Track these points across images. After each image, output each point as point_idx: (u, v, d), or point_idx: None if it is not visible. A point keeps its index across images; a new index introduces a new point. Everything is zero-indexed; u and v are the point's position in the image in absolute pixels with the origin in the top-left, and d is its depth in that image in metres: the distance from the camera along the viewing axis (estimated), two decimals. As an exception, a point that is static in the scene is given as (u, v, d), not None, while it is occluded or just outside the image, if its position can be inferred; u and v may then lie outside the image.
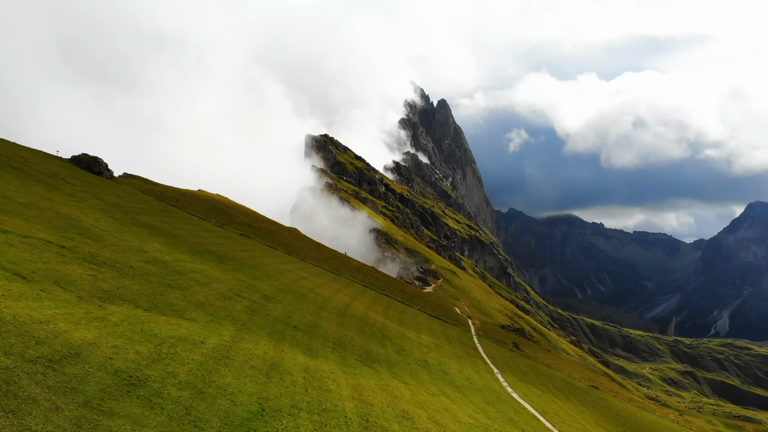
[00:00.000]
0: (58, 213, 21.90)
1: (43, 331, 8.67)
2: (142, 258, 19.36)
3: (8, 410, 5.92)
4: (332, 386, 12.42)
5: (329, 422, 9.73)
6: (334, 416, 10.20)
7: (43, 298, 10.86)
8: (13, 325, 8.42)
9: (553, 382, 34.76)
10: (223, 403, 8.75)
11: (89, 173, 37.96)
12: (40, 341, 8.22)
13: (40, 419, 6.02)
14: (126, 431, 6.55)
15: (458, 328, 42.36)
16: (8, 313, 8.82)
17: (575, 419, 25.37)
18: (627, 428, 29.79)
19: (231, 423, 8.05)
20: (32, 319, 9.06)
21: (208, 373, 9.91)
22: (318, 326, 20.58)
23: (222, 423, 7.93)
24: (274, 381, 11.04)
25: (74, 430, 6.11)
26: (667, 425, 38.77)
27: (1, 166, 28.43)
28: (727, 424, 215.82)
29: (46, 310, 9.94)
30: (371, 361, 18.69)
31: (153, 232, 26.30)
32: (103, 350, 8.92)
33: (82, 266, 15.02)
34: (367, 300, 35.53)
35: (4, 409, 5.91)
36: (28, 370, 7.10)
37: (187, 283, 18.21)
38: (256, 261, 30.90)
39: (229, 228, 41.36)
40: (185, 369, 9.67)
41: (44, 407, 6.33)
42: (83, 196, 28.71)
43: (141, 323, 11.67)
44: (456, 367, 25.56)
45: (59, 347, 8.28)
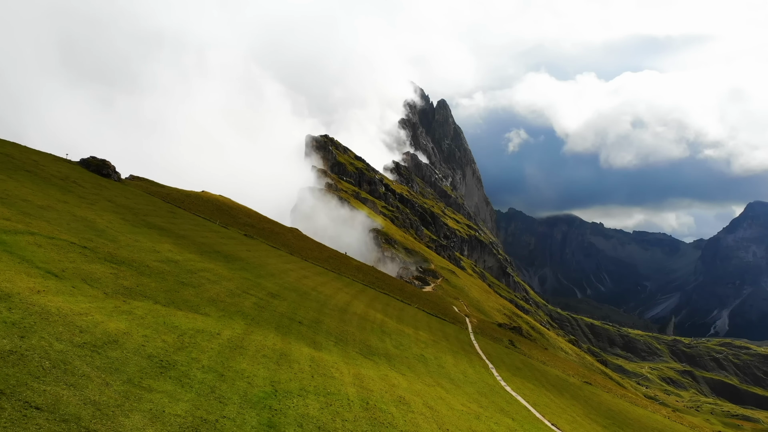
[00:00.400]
0: (74, 215, 23.14)
1: (84, 322, 9.91)
2: (156, 258, 20.59)
3: (70, 384, 7.15)
4: (335, 374, 13.66)
5: (334, 402, 10.97)
6: (338, 398, 11.45)
7: (76, 294, 12.11)
8: (59, 316, 9.66)
9: (546, 378, 36.00)
10: (242, 384, 9.99)
11: (98, 176, 39.20)
12: (83, 330, 9.46)
13: (96, 391, 7.25)
14: (165, 404, 7.78)
15: (456, 326, 43.62)
16: (52, 306, 10.06)
17: (566, 411, 26.61)
18: (617, 422, 31.02)
19: (249, 400, 9.29)
20: (72, 311, 10.30)
21: (225, 360, 11.16)
22: (321, 322, 21.83)
23: (242, 400, 9.17)
24: (283, 368, 12.28)
25: (123, 400, 7.33)
26: (658, 420, 40.01)
27: (15, 169, 29.66)
28: (725, 423, 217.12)
29: (82, 304, 11.18)
30: (371, 354, 19.94)
31: (162, 233, 27.54)
32: (135, 338, 10.16)
33: (104, 265, 16.25)
34: (367, 298, 36.78)
35: (66, 383, 7.13)
36: (78, 353, 8.33)
37: (198, 281, 19.47)
38: (260, 260, 32.14)
39: (233, 228, 42.60)
40: (206, 356, 10.91)
41: (97, 382, 7.56)
42: (95, 199, 29.96)
43: (162, 317, 12.91)
44: (452, 362, 26.81)
45: (99, 335, 9.52)
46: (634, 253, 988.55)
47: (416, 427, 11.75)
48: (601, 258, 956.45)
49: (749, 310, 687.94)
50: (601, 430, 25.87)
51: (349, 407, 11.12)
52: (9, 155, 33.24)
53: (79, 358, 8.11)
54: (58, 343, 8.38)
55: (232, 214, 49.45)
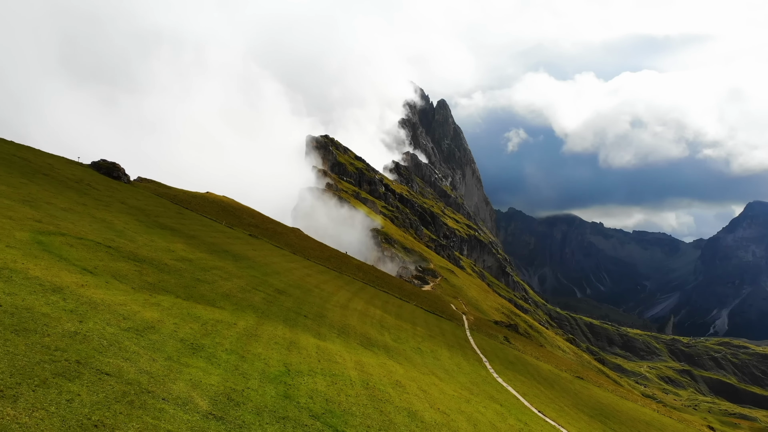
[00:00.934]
0: (94, 217, 24.78)
1: (124, 311, 11.56)
2: (172, 257, 22.24)
3: (126, 358, 8.80)
4: (339, 360, 15.32)
5: (338, 382, 12.63)
6: (342, 379, 13.10)
7: (111, 288, 13.75)
8: (104, 305, 11.31)
9: (538, 372, 37.67)
10: (259, 364, 11.64)
11: (109, 178, 40.85)
12: (125, 317, 11.11)
13: (146, 364, 8.89)
14: (200, 376, 9.42)
15: (452, 323, 45.28)
16: (96, 297, 11.72)
17: (554, 401, 28.27)
18: (604, 413, 32.66)
19: (267, 377, 10.94)
20: (113, 302, 11.95)
21: (243, 345, 12.81)
22: (324, 316, 23.48)
23: (261, 377, 10.81)
24: (293, 353, 13.94)
25: (168, 372, 8.97)
26: (647, 413, 41.65)
27: (34, 173, 31.31)
28: (722, 421, 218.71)
29: (119, 296, 12.84)
30: (371, 346, 21.59)
31: (174, 233, 29.19)
32: (168, 325, 11.82)
33: (128, 263, 17.91)
34: (367, 295, 38.43)
35: (123, 358, 8.77)
36: (125, 335, 9.98)
37: (212, 278, 21.12)
38: (266, 259, 33.80)
39: (238, 229, 44.26)
40: (227, 341, 12.56)
41: (145, 358, 9.20)
42: (109, 201, 31.61)
43: (185, 308, 14.57)
44: (447, 355, 28.47)
45: (139, 321, 11.17)
46: (633, 253, 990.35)
47: (410, 404, 13.40)
48: (601, 257, 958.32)
49: (749, 310, 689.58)
50: (587, 419, 27.50)
51: (352, 386, 12.78)
52: (26, 159, 34.88)
53: (127, 339, 9.76)
54: (108, 327, 10.03)
55: (236, 215, 51.12)
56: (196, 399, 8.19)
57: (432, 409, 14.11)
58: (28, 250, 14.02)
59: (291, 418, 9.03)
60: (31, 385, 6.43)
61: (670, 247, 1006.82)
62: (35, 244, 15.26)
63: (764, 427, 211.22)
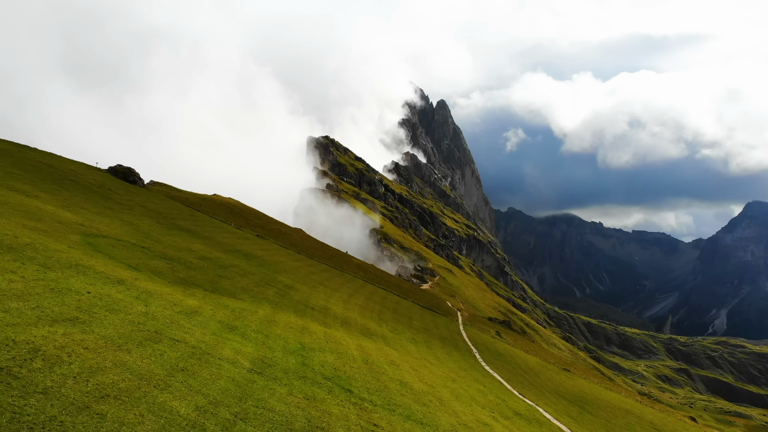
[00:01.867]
0: (122, 220, 27.66)
1: (173, 299, 14.45)
2: (194, 256, 25.14)
3: (185, 332, 11.67)
4: (343, 343, 18.21)
5: (343, 357, 15.53)
6: (346, 356, 16.00)
7: (155, 281, 16.64)
8: (157, 295, 14.20)
9: (526, 363, 40.58)
10: (280, 342, 14.54)
11: (126, 182, 43.75)
12: (175, 303, 13.99)
13: (199, 337, 11.75)
14: (239, 346, 12.30)
15: (447, 318, 48.20)
16: (150, 288, 14.60)
17: (536, 387, 31.18)
18: (585, 400, 35.54)
19: (288, 350, 13.83)
20: (162, 292, 14.84)
21: (266, 328, 15.71)
22: (328, 309, 26.38)
23: (283, 350, 13.70)
24: (305, 336, 16.83)
25: (216, 342, 11.84)
26: (628, 402, 44.54)
27: (62, 179, 34.18)
28: (717, 419, 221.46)
29: (164, 288, 15.73)
30: (370, 335, 24.48)
31: (191, 234, 32.09)
32: (206, 311, 14.71)
33: (161, 261, 20.80)
34: (366, 292, 41.34)
35: (183, 332, 11.64)
36: (179, 317, 12.85)
37: (231, 274, 24.02)
38: (274, 258, 36.69)
39: (246, 230, 47.17)
40: (253, 325, 15.46)
41: (198, 332, 12.08)
42: (131, 205, 34.49)
43: (215, 299, 17.46)
44: (439, 345, 31.37)
45: (185, 307, 14.06)
46: (633, 253, 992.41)
47: (402, 377, 16.31)
48: (600, 257, 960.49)
49: (747, 310, 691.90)
50: (566, 403, 30.39)
51: (354, 361, 15.68)
52: (51, 165, 37.77)
53: (182, 319, 12.65)
54: (166, 310, 12.92)
55: (243, 216, 54.04)
56: (240, 360, 11.09)
57: (420, 382, 17.02)
58: (85, 251, 16.91)
59: (309, 378, 11.93)
60: (134, 345, 9.32)
61: (670, 247, 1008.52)
62: (87, 245, 18.14)
63: (759, 424, 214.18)
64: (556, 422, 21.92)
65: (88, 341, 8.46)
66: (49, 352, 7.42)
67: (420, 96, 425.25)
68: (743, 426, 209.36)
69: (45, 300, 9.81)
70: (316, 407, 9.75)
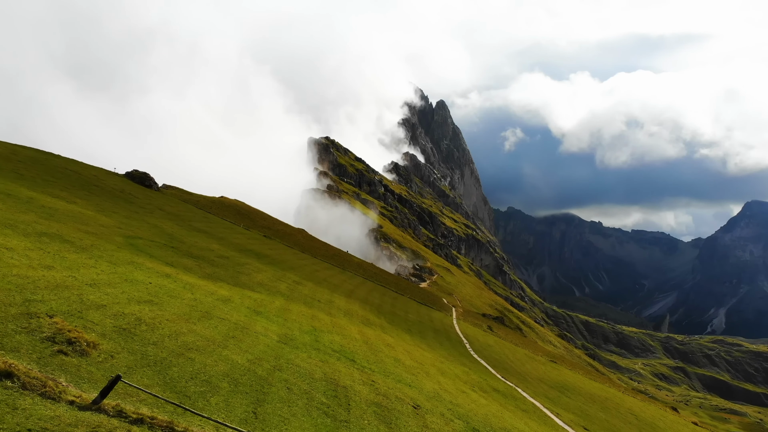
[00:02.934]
0: (148, 222, 30.96)
1: (208, 288, 17.75)
2: (214, 254, 28.44)
3: (226, 313, 14.95)
4: (347, 328, 21.52)
5: (347, 338, 18.83)
6: (349, 337, 19.30)
7: (191, 275, 19.92)
8: (196, 286, 17.49)
9: (514, 354, 43.89)
10: (296, 324, 17.84)
11: (143, 186, 47.05)
12: (211, 293, 17.29)
13: (237, 317, 15.04)
14: (266, 325, 15.57)
15: (442, 313, 51.53)
16: (190, 281, 17.90)
17: (520, 374, 34.48)
18: (566, 388, 38.81)
19: (303, 331, 17.13)
20: (199, 284, 18.13)
21: (283, 314, 19.01)
22: (333, 302, 29.69)
23: (299, 330, 17.00)
24: (315, 321, 20.14)
25: (249, 321, 15.12)
26: (610, 392, 47.84)
27: (88, 185, 37.47)
28: (713, 416, 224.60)
29: (199, 281, 19.02)
30: (370, 324, 27.78)
31: (208, 235, 35.39)
32: (236, 299, 18.01)
33: (189, 259, 24.10)
34: (366, 289, 44.65)
35: (224, 312, 14.93)
36: (218, 303, 16.14)
37: (247, 271, 27.34)
38: (281, 257, 40.01)
39: (254, 230, 50.50)
40: (273, 311, 18.76)
41: (236, 314, 15.35)
42: (151, 208, 37.79)
43: (239, 291, 20.76)
44: (432, 335, 34.68)
45: (219, 296, 17.36)
46: (632, 252, 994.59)
47: (396, 355, 19.62)
48: (600, 257, 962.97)
49: (746, 309, 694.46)
50: (547, 389, 33.68)
51: (356, 341, 19.00)
52: (76, 171, 41.07)
53: (220, 304, 15.95)
54: (206, 297, 16.23)
55: (250, 218, 57.37)
56: (270, 334, 14.41)
57: (412, 360, 20.34)
58: (131, 250, 20.21)
59: (321, 349, 15.24)
60: (195, 320, 12.62)
61: (669, 247, 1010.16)
62: (130, 245, 21.44)
63: (754, 422, 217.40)
64: (532, 400, 25.21)
65: (166, 315, 11.77)
66: (146, 321, 10.73)
67: (420, 96, 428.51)
68: (738, 423, 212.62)
69: (125, 287, 13.12)
70: (329, 366, 13.08)
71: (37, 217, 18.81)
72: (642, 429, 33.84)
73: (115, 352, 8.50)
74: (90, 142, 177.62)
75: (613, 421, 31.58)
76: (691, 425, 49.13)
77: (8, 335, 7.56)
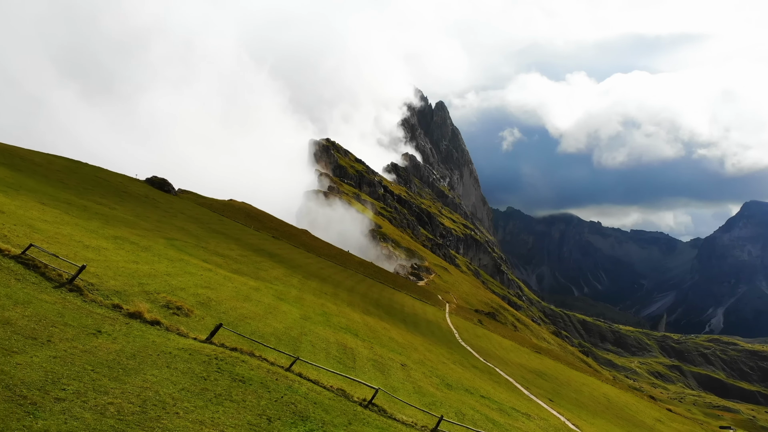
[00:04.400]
0: (175, 225, 35.47)
1: (240, 280, 22.29)
2: (235, 253, 32.97)
3: (258, 298, 19.49)
4: (350, 314, 26.09)
5: (351, 321, 23.40)
6: (353, 320, 23.86)
7: (224, 270, 24.44)
8: (233, 278, 22.03)
9: (500, 344, 48.44)
10: (311, 309, 22.38)
11: (162, 191, 51.55)
12: (244, 284, 21.83)
13: (268, 300, 19.56)
14: (289, 308, 20.10)
15: (435, 307, 56.08)
16: (228, 273, 22.45)
17: (502, 359, 39.01)
18: (545, 374, 43.33)
19: (316, 313, 21.67)
20: (233, 277, 22.67)
21: (299, 302, 23.56)
22: (337, 295, 34.25)
23: (314, 312, 21.53)
24: (325, 308, 24.69)
25: (277, 303, 19.64)
26: (587, 378, 52.37)
27: (117, 192, 41.96)
28: (706, 413, 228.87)
29: (231, 274, 23.56)
30: (369, 314, 32.33)
31: (226, 237, 39.92)
32: (263, 290, 22.55)
33: (218, 258, 28.62)
34: (366, 285, 49.19)
35: (258, 297, 19.45)
36: (251, 291, 20.67)
37: (264, 267, 31.89)
38: (290, 256, 44.55)
39: (264, 232, 55.02)
40: (291, 299, 23.30)
41: (266, 300, 19.87)
42: (174, 212, 42.30)
43: (263, 284, 25.30)
44: (425, 325, 39.23)
45: (251, 286, 21.89)
46: (631, 252, 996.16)
47: (391, 335, 24.18)
48: (599, 256, 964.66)
49: (744, 308, 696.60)
50: (525, 372, 38.22)
51: (358, 324, 23.56)
52: (105, 179, 45.58)
53: (253, 292, 20.49)
54: (243, 287, 20.77)
55: (259, 220, 61.90)
56: (293, 313, 18.98)
57: (404, 340, 24.90)
58: (174, 250, 24.73)
59: (332, 326, 19.81)
60: (243, 299, 17.14)
61: (668, 246, 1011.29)
62: (171, 246, 25.97)
63: (746, 418, 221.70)
64: (507, 377, 29.77)
65: (222, 297, 16.34)
66: (213, 299, 15.28)
67: (420, 98, 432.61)
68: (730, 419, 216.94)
69: (188, 277, 17.66)
70: (339, 336, 17.66)
71: (100, 224, 23.34)
72: (610, 409, 38.32)
73: (203, 316, 13.05)
74: (98, 145, 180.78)
75: (583, 400, 36.10)
76: (665, 411, 53.55)
77: (141, 304, 12.09)
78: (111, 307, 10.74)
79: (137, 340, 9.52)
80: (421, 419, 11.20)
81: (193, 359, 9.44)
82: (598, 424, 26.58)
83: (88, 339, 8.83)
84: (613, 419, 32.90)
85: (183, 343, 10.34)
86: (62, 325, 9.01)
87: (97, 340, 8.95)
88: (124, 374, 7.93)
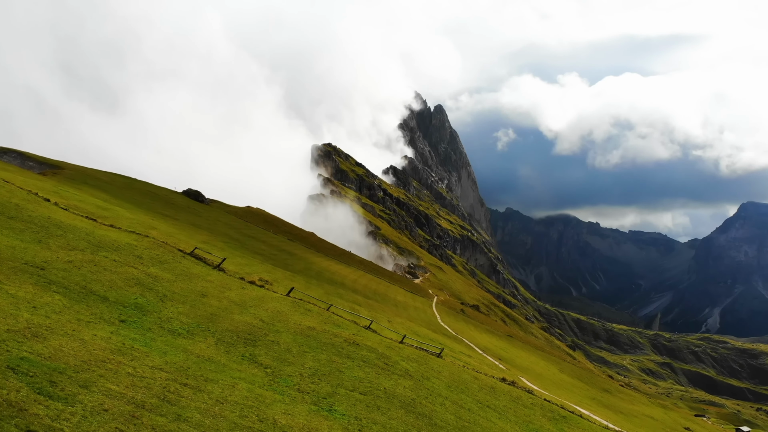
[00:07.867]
0: (221, 231, 45.82)
1: (280, 273, 32.75)
2: (267, 252, 43.37)
3: (294, 283, 29.93)
4: (356, 298, 36.57)
5: (354, 305, 33.88)
6: (356, 302, 34.35)
7: (265, 265, 34.86)
8: (276, 275, 32.51)
9: (477, 328, 58.84)
10: (330, 290, 32.84)
11: (197, 202, 61.95)
12: (285, 278, 32.29)
13: (302, 287, 29.99)
14: (315, 290, 30.54)
15: (425, 299, 66.51)
16: (269, 269, 32.93)
17: (476, 336, 49.43)
18: (507, 351, 53.72)
19: (331, 294, 32.13)
20: (274, 271, 33.13)
21: (322, 286, 34.02)
22: (345, 284, 44.68)
23: (332, 293, 31.99)
24: (331, 298, 35.15)
25: (307, 286, 30.08)
26: (551, 368, 62.75)
27: (166, 203, 52.36)
28: (692, 407, 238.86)
29: (273, 268, 34.00)
30: (368, 299, 42.74)
31: (256, 240, 50.36)
32: (296, 279, 33.01)
33: (257, 256, 39.03)
34: (367, 279, 59.65)
35: (276, 291, 29.89)
36: (295, 275, 31.12)
37: (291, 262, 42.38)
38: (304, 255, 55.00)
39: (280, 235, 65.49)
40: (313, 285, 33.76)
41: (299, 283, 30.30)
42: (213, 220, 52.71)
43: (296, 276, 35.73)
44: (413, 311, 49.70)
45: (289, 273, 32.36)
46: (629, 253, 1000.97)
47: (387, 317, 34.64)
48: (597, 257, 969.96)
49: (740, 309, 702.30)
50: (490, 347, 48.61)
51: (360, 304, 34.06)
52: (154, 192, 56.02)
53: (289, 280, 30.98)
54: (283, 276, 31.21)
55: (275, 224, 72.39)
56: (319, 293, 29.44)
57: (394, 317, 35.35)
58: (238, 253, 35.10)
59: (343, 299, 30.27)
60: (298, 280, 27.57)
61: (666, 247, 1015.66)
62: (232, 249, 36.34)
63: (731, 412, 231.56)
64: (469, 342, 40.16)
65: (275, 278, 26.75)
66: (258, 298, 25.69)
67: (419, 101, 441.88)
68: (715, 413, 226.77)
69: (270, 270, 28.05)
70: (353, 309, 28.12)
71: (188, 235, 33.71)
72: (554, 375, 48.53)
73: (288, 287, 23.49)
74: (111, 155, 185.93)
75: (529, 363, 46.43)
76: (609, 379, 63.92)
77: (250, 277, 22.46)
78: (238, 278, 21.13)
79: (251, 292, 19.92)
80: (394, 337, 21.57)
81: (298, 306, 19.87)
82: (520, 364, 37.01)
83: (230, 292, 19.17)
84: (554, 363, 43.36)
85: (260, 292, 20.74)
86: (221, 287, 19.38)
87: (232, 293, 19.26)
88: (252, 307, 18.26)
